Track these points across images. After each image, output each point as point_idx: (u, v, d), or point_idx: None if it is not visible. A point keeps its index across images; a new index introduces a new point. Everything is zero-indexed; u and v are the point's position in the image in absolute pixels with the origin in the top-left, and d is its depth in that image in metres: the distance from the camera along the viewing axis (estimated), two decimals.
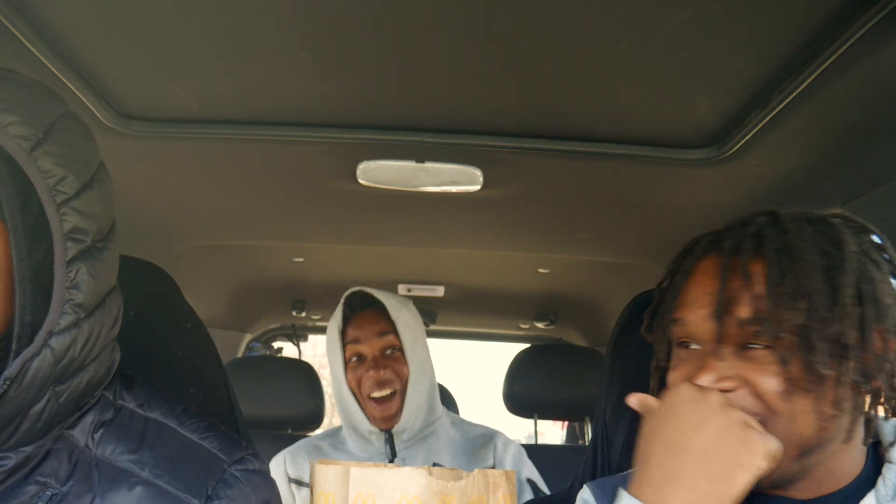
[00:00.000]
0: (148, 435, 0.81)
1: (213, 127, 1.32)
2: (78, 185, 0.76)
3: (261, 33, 1.01)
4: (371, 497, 0.81)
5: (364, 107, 1.25)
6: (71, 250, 0.75)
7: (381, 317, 1.79)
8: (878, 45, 0.94)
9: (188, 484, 0.78)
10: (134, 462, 0.78)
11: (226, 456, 0.81)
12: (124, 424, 0.81)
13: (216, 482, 0.79)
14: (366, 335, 1.78)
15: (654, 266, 2.20)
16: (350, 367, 1.79)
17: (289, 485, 1.78)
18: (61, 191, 0.75)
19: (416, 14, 0.95)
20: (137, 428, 0.81)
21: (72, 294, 0.74)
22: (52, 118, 0.77)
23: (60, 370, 0.74)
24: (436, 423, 1.80)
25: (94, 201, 0.78)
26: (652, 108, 1.21)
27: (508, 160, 1.42)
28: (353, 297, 1.82)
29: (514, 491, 0.88)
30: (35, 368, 0.72)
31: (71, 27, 1.02)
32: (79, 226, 0.76)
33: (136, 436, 0.81)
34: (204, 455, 0.81)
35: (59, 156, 0.75)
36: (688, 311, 0.86)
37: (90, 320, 0.76)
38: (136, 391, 0.85)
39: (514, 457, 1.77)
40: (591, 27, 0.96)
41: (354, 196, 1.65)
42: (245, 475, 0.81)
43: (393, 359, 1.77)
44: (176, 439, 0.81)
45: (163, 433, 0.82)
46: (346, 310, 1.82)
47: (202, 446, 0.81)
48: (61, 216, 0.74)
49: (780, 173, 1.39)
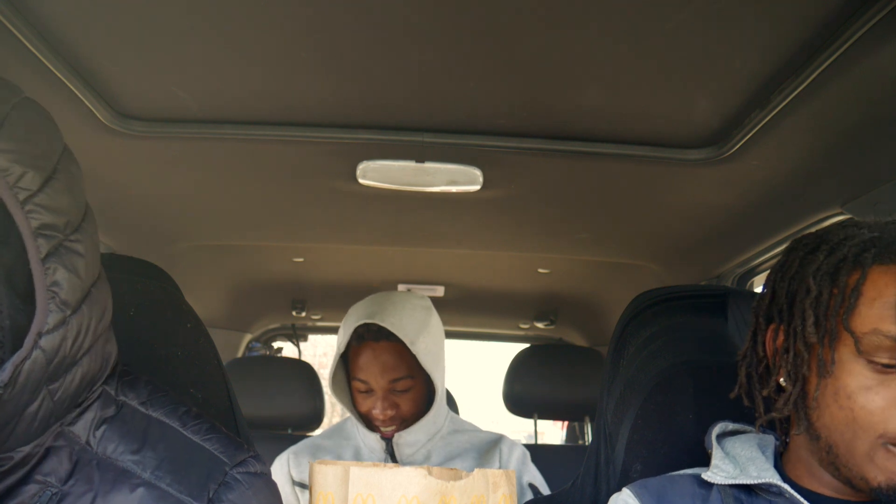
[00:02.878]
0: (150, 435, 0.80)
1: (213, 127, 1.32)
2: (40, 179, 0.73)
3: (261, 33, 1.01)
4: (371, 497, 0.81)
5: (364, 107, 1.25)
6: (44, 247, 0.72)
7: (396, 351, 1.59)
8: (878, 45, 0.94)
9: (190, 486, 0.77)
10: (136, 462, 0.78)
11: (228, 458, 0.81)
12: (126, 422, 0.81)
13: (218, 485, 0.78)
14: (374, 372, 1.60)
15: (654, 266, 2.21)
16: (354, 391, 1.66)
17: (293, 487, 1.75)
18: (23, 188, 0.71)
19: (416, 14, 0.95)
20: (140, 426, 0.81)
21: (54, 292, 0.73)
22: (2, 112, 0.74)
23: (53, 369, 0.73)
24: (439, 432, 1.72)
25: (59, 193, 0.75)
26: (652, 108, 1.21)
27: (508, 160, 1.42)
28: (361, 329, 1.59)
29: (513, 491, 0.88)
30: (27, 371, 0.71)
31: (71, 27, 1.02)
32: (47, 222, 0.73)
33: (139, 435, 0.80)
34: (206, 457, 0.80)
35: (15, 151, 0.72)
36: None
37: (77, 315, 0.75)
38: (139, 389, 0.85)
39: (518, 461, 1.75)
40: (591, 27, 0.96)
41: (354, 196, 1.65)
42: (247, 478, 0.81)
43: (402, 395, 1.63)
44: (178, 440, 0.81)
45: (165, 434, 0.81)
46: (352, 339, 1.61)
47: (204, 448, 0.81)
48: (27, 214, 0.71)
49: (780, 173, 1.39)
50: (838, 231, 0.89)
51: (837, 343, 0.84)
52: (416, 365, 1.60)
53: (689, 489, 0.93)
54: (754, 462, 0.91)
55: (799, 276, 0.89)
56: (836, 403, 0.83)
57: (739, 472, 0.91)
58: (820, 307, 0.85)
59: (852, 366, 0.82)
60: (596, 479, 1.19)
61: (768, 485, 0.88)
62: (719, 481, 0.90)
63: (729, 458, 0.94)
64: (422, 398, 1.67)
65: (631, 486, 0.96)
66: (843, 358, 0.83)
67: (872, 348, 0.81)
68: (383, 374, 1.60)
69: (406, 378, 1.61)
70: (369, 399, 1.63)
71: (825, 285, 0.85)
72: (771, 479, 0.87)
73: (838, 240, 0.87)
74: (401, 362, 1.60)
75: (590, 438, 2.97)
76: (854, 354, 0.82)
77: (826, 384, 0.85)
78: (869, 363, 0.81)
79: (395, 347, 1.59)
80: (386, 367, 1.60)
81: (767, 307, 0.93)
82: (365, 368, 1.60)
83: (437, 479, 0.82)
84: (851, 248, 0.85)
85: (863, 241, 0.85)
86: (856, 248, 0.85)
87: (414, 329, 1.57)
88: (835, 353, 0.84)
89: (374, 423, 1.64)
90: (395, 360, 1.60)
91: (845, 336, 0.83)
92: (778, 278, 0.92)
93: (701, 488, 0.92)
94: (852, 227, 0.88)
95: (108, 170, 1.52)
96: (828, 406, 0.84)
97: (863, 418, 0.81)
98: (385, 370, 1.60)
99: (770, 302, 0.93)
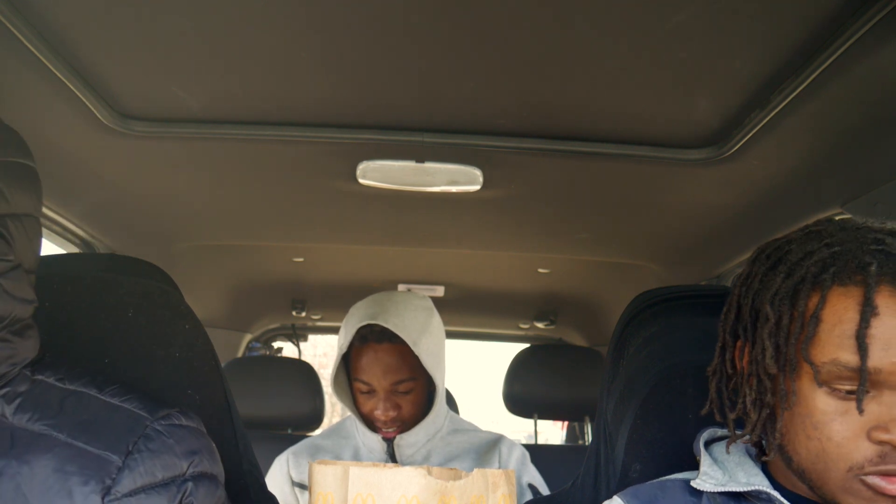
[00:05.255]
0: (67, 404, 0.80)
1: (213, 127, 1.32)
2: None
3: (261, 33, 1.01)
4: (370, 497, 0.81)
5: (364, 107, 1.25)
6: None
7: (399, 353, 1.59)
8: (878, 45, 0.94)
9: (107, 442, 0.77)
10: (51, 426, 0.78)
11: (148, 413, 0.80)
12: (42, 395, 0.80)
13: (137, 437, 0.78)
14: (376, 374, 1.59)
15: (654, 266, 2.20)
16: (356, 391, 1.65)
17: (292, 488, 1.74)
18: None
19: (416, 14, 0.95)
20: (56, 398, 0.81)
21: None
22: None
23: None
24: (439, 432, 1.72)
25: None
26: (652, 108, 1.21)
27: (508, 160, 1.42)
28: (365, 330, 1.58)
29: (513, 491, 0.88)
30: None
31: (71, 27, 1.01)
32: None
33: (55, 405, 0.80)
34: (125, 415, 0.80)
35: None
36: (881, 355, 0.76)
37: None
38: (56, 367, 0.85)
39: (517, 461, 1.74)
40: (591, 27, 0.96)
41: (354, 196, 1.65)
42: (169, 428, 0.80)
43: (404, 396, 1.62)
44: (96, 404, 0.81)
45: (82, 401, 0.81)
46: (355, 339, 1.60)
47: (123, 408, 0.81)
48: None
49: (780, 173, 1.39)
50: (799, 246, 0.85)
51: (798, 373, 0.82)
52: (418, 366, 1.60)
53: (679, 497, 0.92)
54: (743, 468, 0.90)
55: (759, 297, 0.86)
56: (804, 433, 0.81)
57: (728, 479, 0.89)
58: (780, 335, 0.83)
59: (815, 395, 0.80)
60: (596, 480, 1.18)
61: (758, 491, 0.87)
62: (708, 489, 0.89)
63: (717, 464, 0.92)
64: (423, 399, 1.67)
65: (622, 493, 0.94)
66: (804, 387, 0.81)
67: (832, 378, 0.78)
68: (386, 376, 1.59)
69: (408, 380, 1.60)
70: (371, 400, 1.63)
71: (784, 310, 0.83)
72: (760, 486, 0.86)
73: (797, 259, 0.84)
74: (403, 364, 1.59)
75: (590, 438, 2.97)
76: (816, 383, 0.80)
77: (792, 414, 0.83)
78: (832, 391, 0.79)
79: (398, 349, 1.58)
80: (388, 368, 1.59)
81: (733, 324, 0.91)
82: (367, 370, 1.60)
83: (437, 479, 0.82)
84: (810, 267, 0.82)
85: (822, 259, 0.82)
86: (815, 267, 0.82)
87: (416, 330, 1.56)
88: (795, 384, 0.82)
89: (376, 423, 1.64)
90: (397, 361, 1.59)
91: (806, 365, 0.80)
92: (742, 293, 0.90)
93: (691, 496, 0.91)
94: (814, 240, 0.85)
95: (107, 170, 1.52)
96: (796, 434, 0.83)
97: (831, 450, 0.79)
98: (388, 372, 1.59)
99: (735, 319, 0.91)
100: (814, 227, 0.87)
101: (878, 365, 0.76)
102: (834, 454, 0.79)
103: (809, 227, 0.88)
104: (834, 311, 0.79)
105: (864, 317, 0.77)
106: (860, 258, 0.80)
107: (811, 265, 0.82)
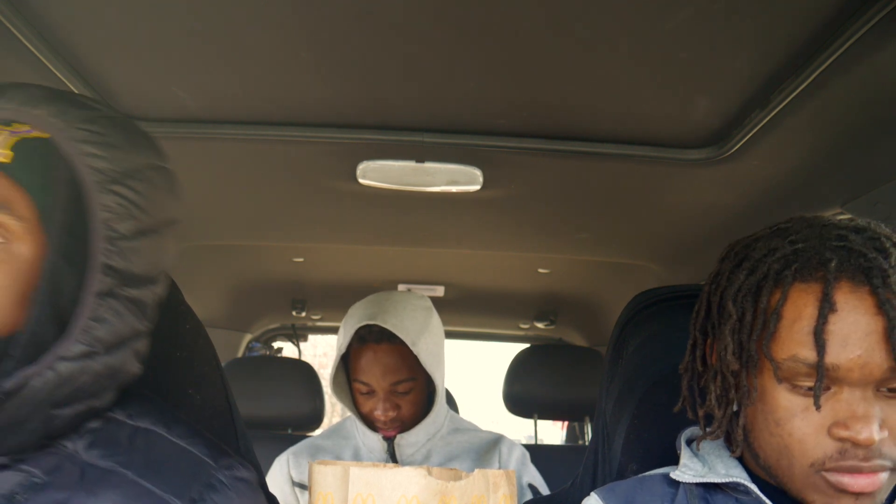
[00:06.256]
0: (136, 441, 0.81)
1: (213, 127, 1.32)
2: (136, 230, 0.77)
3: (261, 33, 1.01)
4: (370, 497, 0.81)
5: (364, 107, 1.25)
6: (105, 285, 0.75)
7: (398, 354, 1.59)
8: (878, 45, 0.94)
9: (173, 486, 0.77)
10: (120, 463, 0.78)
11: (213, 461, 0.81)
12: (112, 432, 0.81)
13: (202, 486, 0.78)
14: (375, 374, 1.59)
15: (654, 266, 2.20)
16: (355, 391, 1.65)
17: (293, 488, 1.74)
18: (117, 231, 0.76)
19: (416, 14, 0.95)
20: (125, 435, 0.81)
21: (92, 325, 0.74)
22: (137, 163, 0.79)
23: (61, 396, 0.74)
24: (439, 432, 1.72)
25: (147, 251, 0.79)
26: (652, 108, 1.21)
27: (508, 160, 1.42)
28: (363, 331, 1.59)
29: (514, 491, 0.88)
30: (34, 387, 0.71)
31: (71, 27, 1.01)
32: (119, 266, 0.76)
33: (124, 441, 0.80)
34: (191, 459, 0.80)
35: (129, 202, 0.77)
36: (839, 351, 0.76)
37: (106, 357, 0.76)
38: (124, 404, 0.85)
39: (517, 461, 1.73)
40: (591, 27, 0.96)
41: (354, 196, 1.65)
42: (232, 481, 0.80)
43: (404, 396, 1.62)
44: (163, 444, 0.81)
45: (150, 439, 0.81)
46: (353, 341, 1.61)
47: (190, 451, 0.81)
48: (106, 251, 0.75)
49: (780, 173, 1.39)
50: (764, 243, 0.86)
51: (759, 369, 0.82)
52: (418, 365, 1.60)
53: (658, 489, 0.92)
54: (722, 460, 0.90)
55: (725, 294, 0.87)
56: (767, 430, 0.82)
57: (707, 471, 0.90)
58: (743, 332, 0.83)
59: (776, 392, 0.80)
60: (594, 479, 1.19)
61: (735, 483, 0.87)
62: (687, 480, 0.90)
63: (697, 457, 0.93)
64: (423, 398, 1.67)
65: (599, 490, 0.95)
66: (766, 384, 0.82)
67: (792, 374, 0.79)
68: (385, 377, 1.59)
69: (408, 380, 1.60)
70: (371, 400, 1.63)
71: (747, 307, 0.83)
72: (738, 478, 0.87)
73: (760, 256, 0.84)
74: (402, 364, 1.59)
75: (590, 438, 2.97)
76: (777, 380, 0.80)
77: (755, 410, 0.83)
78: (793, 388, 0.79)
79: (397, 349, 1.58)
80: (388, 369, 1.59)
81: (703, 322, 0.91)
82: (366, 370, 1.60)
83: (437, 479, 0.82)
84: (772, 264, 0.82)
85: (784, 255, 0.82)
86: (777, 264, 0.82)
87: (415, 330, 1.56)
88: (756, 380, 0.82)
89: (376, 423, 1.64)
90: (396, 362, 1.59)
91: (767, 362, 0.81)
92: (711, 290, 0.90)
93: (670, 487, 0.92)
94: (779, 237, 0.85)
95: None
96: (760, 431, 0.83)
97: (792, 446, 0.79)
98: (387, 372, 1.59)
99: (705, 316, 0.91)
100: (782, 225, 0.88)
101: (835, 361, 0.76)
102: (796, 450, 0.79)
103: (778, 224, 0.88)
104: (794, 307, 0.79)
105: (821, 313, 0.77)
106: (821, 254, 0.80)
107: (773, 262, 0.82)
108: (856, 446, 0.76)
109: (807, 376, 0.78)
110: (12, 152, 0.75)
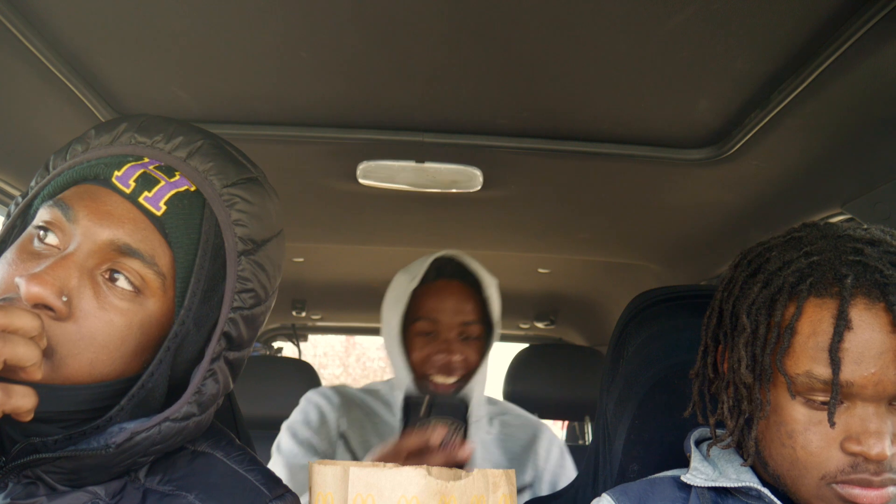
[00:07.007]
0: (196, 465, 0.82)
1: (213, 127, 1.31)
2: (255, 303, 0.80)
3: (261, 33, 1.01)
4: (370, 497, 0.81)
5: (364, 107, 1.25)
6: (219, 349, 0.78)
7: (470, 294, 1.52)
8: (878, 45, 0.94)
9: None
10: (180, 486, 0.80)
11: (268, 491, 0.82)
12: (171, 456, 0.82)
13: None
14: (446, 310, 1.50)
15: (654, 266, 2.20)
16: (413, 335, 1.52)
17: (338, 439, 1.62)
18: (244, 301, 0.78)
19: (416, 14, 0.95)
20: (185, 459, 0.83)
21: (201, 392, 0.77)
22: (269, 233, 0.82)
23: (154, 449, 0.77)
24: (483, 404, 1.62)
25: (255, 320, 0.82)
26: (652, 108, 1.21)
27: (508, 160, 1.42)
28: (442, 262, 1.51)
29: (513, 491, 0.88)
30: (140, 442, 0.74)
31: (71, 27, 1.02)
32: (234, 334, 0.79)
33: (183, 465, 0.82)
34: (248, 487, 0.82)
35: (257, 271, 0.79)
36: (854, 368, 0.77)
37: (201, 418, 0.79)
38: None
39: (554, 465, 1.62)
40: (592, 27, 0.96)
41: (354, 196, 1.65)
42: None
43: (468, 345, 1.52)
44: (221, 468, 0.83)
45: (209, 462, 0.83)
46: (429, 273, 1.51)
47: (246, 478, 0.83)
48: (230, 321, 0.78)
49: (780, 173, 1.39)
50: (779, 254, 0.85)
51: (773, 383, 0.82)
52: (484, 316, 1.54)
53: (668, 492, 0.92)
54: (732, 465, 0.90)
55: (738, 305, 0.87)
56: (779, 441, 0.82)
57: (718, 475, 0.90)
58: (756, 345, 0.83)
59: (789, 405, 0.81)
60: (595, 479, 1.19)
61: (747, 488, 0.87)
62: (698, 483, 0.90)
63: (708, 460, 0.93)
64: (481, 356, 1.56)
65: (611, 491, 0.95)
66: (779, 397, 0.82)
67: (806, 389, 0.79)
68: (456, 314, 1.51)
69: (477, 323, 1.52)
70: (432, 343, 1.51)
71: (761, 320, 0.83)
72: (749, 483, 0.87)
73: (775, 268, 0.84)
74: (474, 307, 1.52)
75: (590, 438, 2.98)
76: (790, 394, 0.81)
77: (768, 422, 0.84)
78: (806, 402, 0.80)
79: (470, 291, 1.53)
80: (460, 306, 1.51)
81: (714, 328, 0.92)
82: (437, 307, 1.51)
83: (437, 479, 0.82)
84: (787, 277, 0.82)
85: (800, 269, 0.82)
86: (792, 277, 0.82)
87: (488, 278, 1.52)
88: (770, 393, 0.83)
89: (431, 371, 1.50)
90: (469, 303, 1.52)
91: (780, 376, 0.81)
92: (724, 298, 0.90)
93: (681, 491, 0.92)
94: (793, 248, 0.85)
95: None
96: (771, 442, 0.83)
97: (804, 459, 0.80)
98: (458, 311, 1.51)
99: (717, 323, 0.91)
100: (796, 233, 0.87)
101: (850, 378, 0.77)
102: (807, 463, 0.80)
103: (792, 233, 0.88)
104: (809, 322, 0.79)
105: (837, 330, 0.77)
106: (837, 269, 0.80)
107: (788, 275, 0.82)
108: (867, 461, 0.77)
109: (821, 391, 0.78)
110: (166, 206, 0.76)
